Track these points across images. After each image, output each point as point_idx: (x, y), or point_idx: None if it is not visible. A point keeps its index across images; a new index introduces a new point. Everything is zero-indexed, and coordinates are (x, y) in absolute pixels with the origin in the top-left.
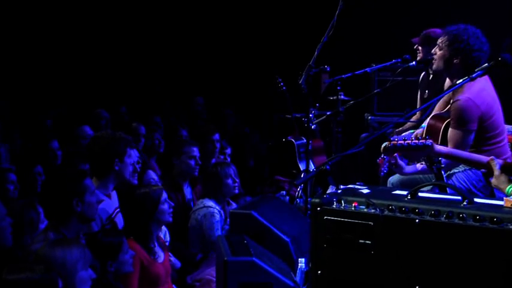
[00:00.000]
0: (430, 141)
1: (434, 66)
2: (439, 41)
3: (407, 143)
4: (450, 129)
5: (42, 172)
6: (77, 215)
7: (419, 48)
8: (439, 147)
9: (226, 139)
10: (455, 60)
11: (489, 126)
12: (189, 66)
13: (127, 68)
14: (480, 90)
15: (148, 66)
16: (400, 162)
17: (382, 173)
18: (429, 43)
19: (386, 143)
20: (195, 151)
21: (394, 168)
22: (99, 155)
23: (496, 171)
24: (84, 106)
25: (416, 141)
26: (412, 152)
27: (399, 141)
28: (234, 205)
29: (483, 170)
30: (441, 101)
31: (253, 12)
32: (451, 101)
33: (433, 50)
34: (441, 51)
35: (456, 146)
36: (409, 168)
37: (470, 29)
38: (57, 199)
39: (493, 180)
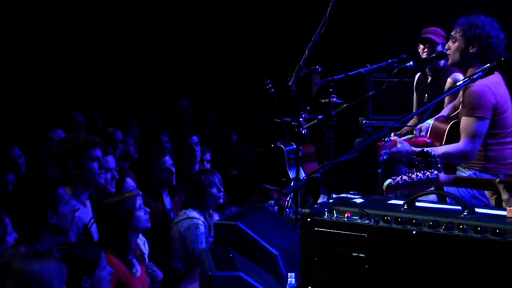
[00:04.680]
0: (435, 173)
1: (450, 61)
2: (452, 33)
3: (412, 179)
4: (463, 118)
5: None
6: (51, 228)
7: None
8: (444, 177)
9: (209, 145)
10: (471, 50)
11: (500, 121)
12: (171, 66)
13: (103, 69)
14: (496, 82)
15: (125, 67)
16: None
17: (381, 158)
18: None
19: (390, 180)
20: (167, 162)
21: (393, 155)
22: (57, 158)
23: (505, 195)
24: (55, 109)
25: (421, 175)
26: (417, 187)
27: (403, 178)
28: (216, 216)
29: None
30: (450, 106)
31: (240, 9)
32: (463, 90)
33: (446, 45)
34: (456, 43)
35: (470, 136)
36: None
37: (483, 17)
38: (30, 211)
39: (504, 204)
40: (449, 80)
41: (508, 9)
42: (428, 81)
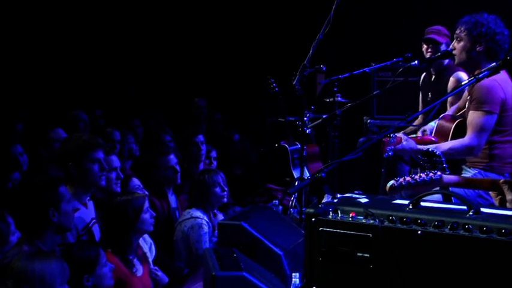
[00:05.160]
0: (439, 174)
1: (456, 60)
2: (457, 32)
3: (415, 180)
4: (470, 112)
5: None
6: (53, 226)
7: (429, 47)
8: (448, 178)
9: (214, 144)
10: (478, 48)
11: (507, 118)
12: (174, 66)
13: (104, 69)
14: (504, 79)
15: (127, 67)
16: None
17: (386, 155)
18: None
19: (393, 182)
20: (171, 160)
21: (398, 152)
22: (58, 158)
23: (509, 195)
24: (56, 108)
25: (424, 176)
26: (420, 188)
27: (406, 179)
28: (220, 216)
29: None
30: (455, 106)
31: (244, 8)
32: (470, 87)
33: (451, 45)
34: (461, 43)
35: (476, 130)
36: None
37: (487, 15)
38: (31, 209)
39: (508, 205)
40: (452, 79)
41: (508, 6)
42: (432, 79)
